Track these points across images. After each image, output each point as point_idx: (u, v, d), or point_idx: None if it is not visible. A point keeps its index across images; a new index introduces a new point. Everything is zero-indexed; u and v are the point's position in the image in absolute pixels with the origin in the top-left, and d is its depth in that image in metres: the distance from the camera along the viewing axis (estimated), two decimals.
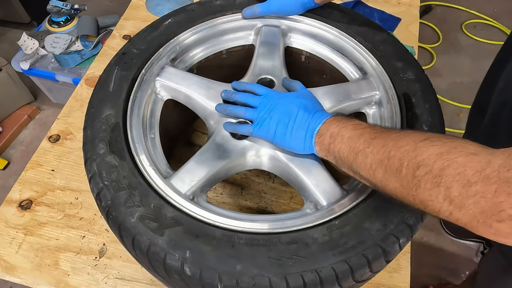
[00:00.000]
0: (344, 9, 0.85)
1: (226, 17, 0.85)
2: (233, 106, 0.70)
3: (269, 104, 0.66)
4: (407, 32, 1.18)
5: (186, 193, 0.63)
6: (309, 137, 0.61)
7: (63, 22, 1.76)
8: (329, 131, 0.59)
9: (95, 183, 0.61)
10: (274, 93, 0.68)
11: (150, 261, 0.56)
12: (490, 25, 2.56)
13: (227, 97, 0.72)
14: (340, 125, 0.58)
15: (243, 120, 0.70)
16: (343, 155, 0.56)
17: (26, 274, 0.79)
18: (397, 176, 0.47)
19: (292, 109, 0.64)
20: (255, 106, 0.67)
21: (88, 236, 0.83)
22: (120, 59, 0.76)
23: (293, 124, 0.62)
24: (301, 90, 0.71)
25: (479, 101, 0.85)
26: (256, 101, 0.68)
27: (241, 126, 0.68)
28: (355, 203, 0.60)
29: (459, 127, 2.07)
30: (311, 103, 0.66)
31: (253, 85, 0.71)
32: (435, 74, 2.33)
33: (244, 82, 0.75)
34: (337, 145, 0.57)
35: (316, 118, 0.62)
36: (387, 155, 0.48)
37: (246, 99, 0.69)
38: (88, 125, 0.68)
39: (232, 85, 0.75)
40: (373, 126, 0.56)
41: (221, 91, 0.74)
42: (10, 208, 0.87)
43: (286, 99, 0.66)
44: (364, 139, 0.53)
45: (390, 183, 0.48)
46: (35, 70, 1.79)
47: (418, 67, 0.75)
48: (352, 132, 0.56)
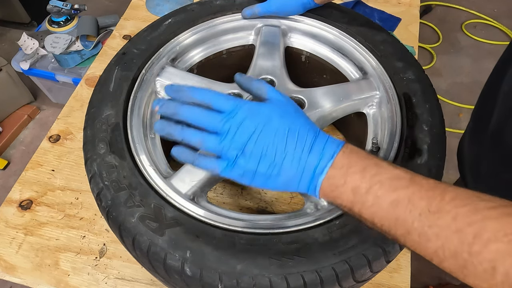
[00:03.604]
0: (344, 9, 0.85)
1: (226, 17, 0.85)
2: (180, 127, 0.49)
3: (241, 128, 0.45)
4: (407, 32, 1.18)
5: (186, 193, 0.63)
6: (307, 181, 0.45)
7: (63, 22, 1.76)
8: (349, 184, 0.43)
9: (95, 183, 0.61)
10: (244, 106, 0.47)
11: (150, 261, 0.56)
12: (490, 25, 2.56)
13: (167, 111, 0.50)
14: (366, 175, 0.42)
15: None
16: (382, 225, 0.42)
17: (26, 274, 0.79)
18: (483, 278, 0.34)
19: (277, 134, 0.45)
20: (218, 130, 0.47)
21: (88, 236, 0.83)
22: (120, 59, 0.76)
23: (281, 161, 0.44)
24: (274, 96, 0.50)
25: (482, 104, 0.84)
26: (218, 122, 0.46)
27: (203, 161, 0.49)
28: None
29: (459, 127, 2.07)
30: (299, 119, 0.47)
31: (213, 96, 0.48)
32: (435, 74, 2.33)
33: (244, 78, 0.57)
34: (369, 209, 0.42)
35: (317, 153, 0.44)
36: (468, 250, 0.35)
37: (200, 121, 0.47)
38: (88, 125, 0.68)
39: (236, 79, 0.58)
40: (420, 181, 0.41)
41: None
42: (10, 208, 0.87)
43: (263, 117, 0.46)
44: (419, 211, 0.39)
45: (461, 274, 0.37)
46: (35, 70, 1.79)
47: (418, 67, 0.75)
48: (393, 194, 0.40)
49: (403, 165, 0.61)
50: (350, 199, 0.43)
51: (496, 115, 0.74)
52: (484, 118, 0.78)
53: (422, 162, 0.62)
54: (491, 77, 0.82)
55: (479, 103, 0.86)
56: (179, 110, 0.49)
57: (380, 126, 0.73)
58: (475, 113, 0.88)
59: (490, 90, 0.80)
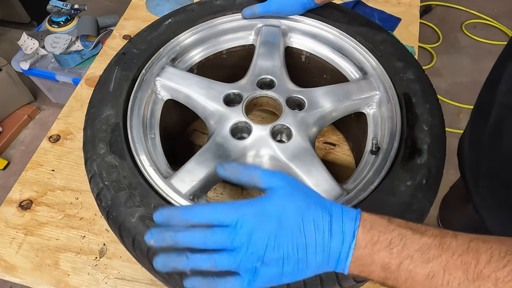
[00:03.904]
0: (344, 9, 0.85)
1: (226, 17, 0.85)
2: (184, 257, 0.42)
3: (253, 239, 0.41)
4: (407, 32, 1.18)
5: (186, 193, 0.63)
6: (334, 264, 0.42)
7: (63, 22, 1.76)
8: (377, 262, 0.41)
9: (95, 183, 0.61)
10: (247, 213, 0.42)
11: (150, 261, 0.56)
12: (490, 25, 2.56)
13: (163, 244, 0.43)
14: (393, 251, 0.40)
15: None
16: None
17: (26, 274, 0.79)
18: None
19: (294, 232, 0.41)
20: (227, 247, 0.42)
21: (88, 236, 0.83)
22: (120, 59, 0.76)
23: (305, 256, 0.41)
24: (270, 181, 0.45)
25: (481, 103, 0.84)
26: (225, 240, 0.41)
27: (223, 285, 0.42)
28: (355, 203, 0.59)
29: (459, 127, 2.07)
30: (306, 201, 0.43)
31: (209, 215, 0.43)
32: (435, 74, 2.33)
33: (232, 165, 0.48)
34: (403, 284, 0.40)
35: (338, 236, 0.41)
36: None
37: (205, 244, 0.42)
38: (88, 125, 0.68)
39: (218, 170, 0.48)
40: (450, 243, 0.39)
41: (221, 91, 0.74)
42: (10, 208, 0.87)
43: (272, 219, 0.42)
44: (458, 282, 0.38)
45: None
46: (35, 70, 1.79)
47: (418, 67, 0.75)
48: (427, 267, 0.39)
49: (403, 165, 0.61)
50: (381, 275, 0.41)
51: (494, 114, 0.74)
52: (483, 117, 0.78)
53: (422, 162, 0.62)
54: (489, 76, 0.82)
55: (478, 102, 0.86)
56: (177, 239, 0.42)
57: (380, 126, 0.73)
58: (474, 112, 0.88)
59: (489, 89, 0.80)
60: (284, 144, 0.69)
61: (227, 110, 0.72)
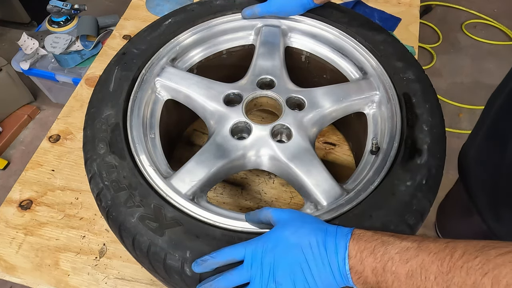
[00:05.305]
0: (344, 9, 0.85)
1: (226, 17, 0.85)
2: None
3: (267, 268, 0.49)
4: (407, 32, 1.18)
5: (186, 193, 0.63)
6: (340, 279, 0.47)
7: (63, 22, 1.76)
8: (367, 268, 0.45)
9: (95, 183, 0.61)
10: (259, 247, 0.51)
11: (150, 261, 0.56)
12: (490, 25, 2.56)
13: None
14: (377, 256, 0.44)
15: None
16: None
17: (26, 274, 0.79)
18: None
19: (299, 256, 0.48)
20: (246, 280, 0.51)
21: (88, 236, 0.83)
22: (120, 59, 0.76)
23: (312, 276, 0.47)
24: (278, 216, 0.53)
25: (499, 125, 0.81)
26: (243, 275, 0.50)
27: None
28: (355, 203, 0.59)
29: (459, 127, 2.07)
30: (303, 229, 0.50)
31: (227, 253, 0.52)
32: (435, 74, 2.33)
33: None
34: (392, 285, 0.43)
35: (333, 250, 0.47)
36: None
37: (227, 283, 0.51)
38: (88, 125, 0.68)
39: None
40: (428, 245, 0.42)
41: (221, 91, 0.74)
42: (10, 208, 0.87)
43: (284, 245, 0.49)
44: (433, 275, 0.40)
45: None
46: (35, 70, 1.79)
47: (418, 67, 0.75)
48: (406, 266, 0.42)
49: (403, 165, 0.61)
50: (374, 280, 0.45)
51: None
52: (502, 143, 0.76)
53: (422, 162, 0.62)
54: (504, 80, 0.81)
55: (490, 124, 0.83)
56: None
57: (380, 126, 0.73)
58: (486, 134, 0.84)
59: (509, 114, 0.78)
60: (284, 144, 0.69)
61: (227, 110, 0.72)
